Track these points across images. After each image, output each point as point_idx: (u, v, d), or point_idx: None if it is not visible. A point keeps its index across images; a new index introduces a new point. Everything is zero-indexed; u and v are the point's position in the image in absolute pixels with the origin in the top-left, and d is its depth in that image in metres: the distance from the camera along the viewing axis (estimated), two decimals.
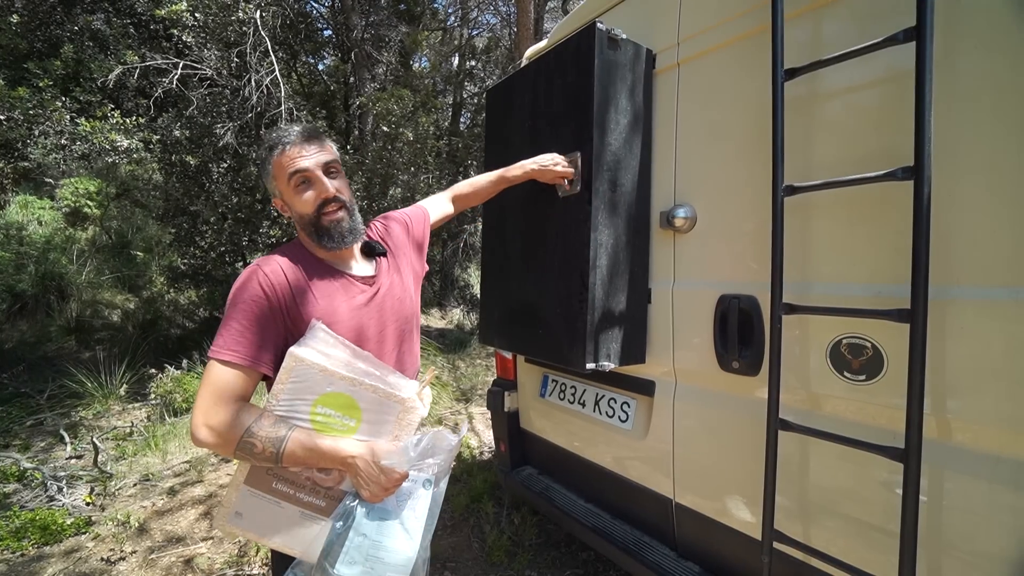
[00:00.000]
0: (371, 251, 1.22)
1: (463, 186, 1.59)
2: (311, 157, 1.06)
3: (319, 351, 1.00)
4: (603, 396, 1.92)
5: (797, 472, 1.29)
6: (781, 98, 1.20)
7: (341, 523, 1.00)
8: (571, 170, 1.52)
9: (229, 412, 0.93)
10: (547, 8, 10.14)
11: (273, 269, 1.03)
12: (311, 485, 1.02)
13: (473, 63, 12.51)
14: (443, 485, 1.11)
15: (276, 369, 1.01)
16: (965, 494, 1.03)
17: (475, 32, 12.78)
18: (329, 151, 1.11)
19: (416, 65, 11.12)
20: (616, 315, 1.55)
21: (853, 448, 1.09)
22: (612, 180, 1.53)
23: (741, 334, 1.39)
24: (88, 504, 2.66)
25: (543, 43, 2.30)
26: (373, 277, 1.17)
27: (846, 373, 1.18)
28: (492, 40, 12.22)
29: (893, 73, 1.11)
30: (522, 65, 2.35)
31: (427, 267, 1.41)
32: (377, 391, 1.02)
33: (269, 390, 1.02)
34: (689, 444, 1.57)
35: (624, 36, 1.55)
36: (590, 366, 1.48)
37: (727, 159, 1.46)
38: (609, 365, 1.51)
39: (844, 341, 1.18)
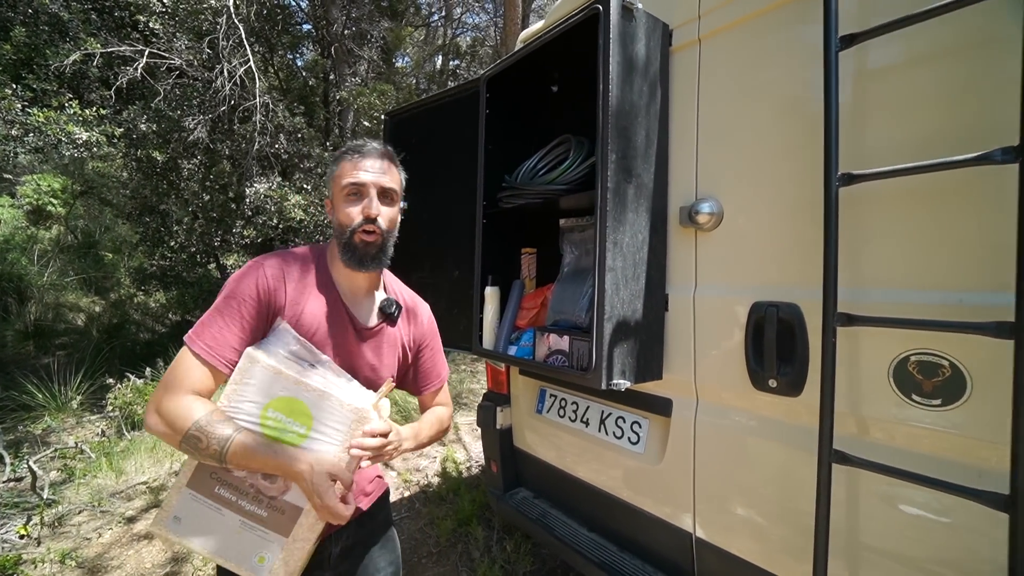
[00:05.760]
0: (385, 308, 1.16)
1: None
2: (373, 174, 1.07)
3: (277, 352, 0.98)
4: (609, 414, 1.71)
5: (844, 511, 1.10)
6: (835, 71, 1.01)
7: None
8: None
9: (183, 402, 0.91)
10: (532, 7, 10.00)
11: (275, 271, 1.02)
12: (254, 493, 0.98)
13: (457, 62, 12.32)
14: None
15: None
16: None
17: (459, 32, 12.58)
18: (394, 178, 1.11)
19: (398, 63, 10.87)
20: (632, 325, 1.34)
21: (933, 489, 0.90)
22: (627, 171, 1.33)
23: (780, 348, 1.20)
24: (22, 537, 2.33)
25: (539, 24, 2.10)
26: (369, 329, 1.13)
27: (915, 396, 0.99)
28: (477, 40, 12.04)
29: (982, 36, 0.92)
30: (516, 50, 2.15)
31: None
32: (330, 399, 0.97)
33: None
34: (713, 472, 1.38)
35: (639, 6, 1.36)
36: (606, 384, 1.27)
37: (761, 146, 1.27)
38: (625, 383, 1.31)
39: (912, 358, 0.99)
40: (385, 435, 0.99)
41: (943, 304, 0.95)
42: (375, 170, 1.07)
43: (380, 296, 1.18)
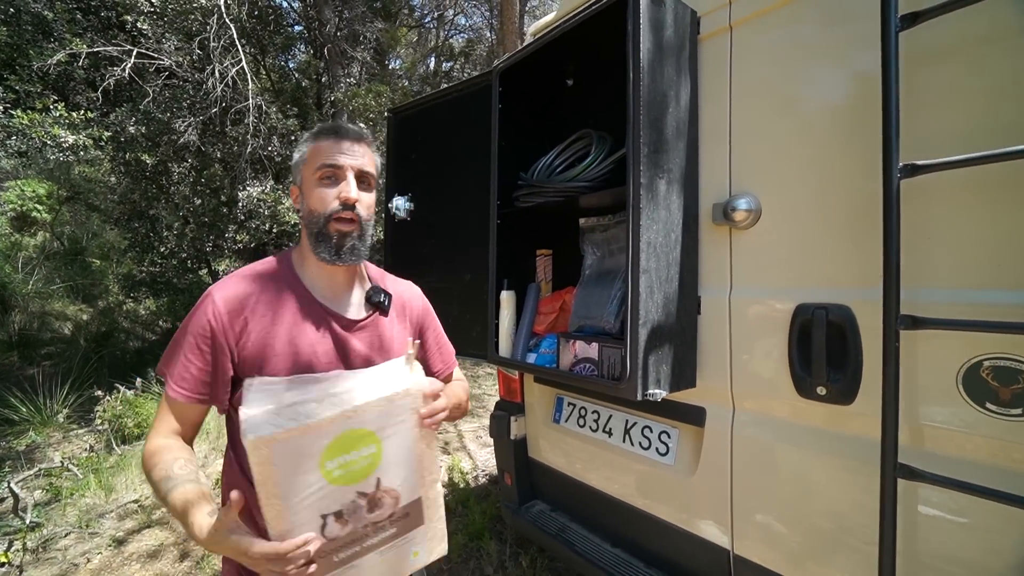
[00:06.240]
0: (372, 297, 1.06)
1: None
2: (350, 157, 0.97)
3: (276, 416, 0.80)
4: (635, 424, 1.62)
5: (903, 528, 1.02)
6: (895, 53, 0.94)
7: None
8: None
9: (153, 446, 0.90)
10: (527, 7, 9.95)
11: (228, 296, 0.94)
12: (372, 528, 0.88)
13: (450, 64, 12.24)
14: None
15: (233, 390, 0.93)
16: None
17: (451, 33, 12.51)
18: (371, 162, 1.02)
19: (391, 65, 10.76)
20: (666, 331, 1.26)
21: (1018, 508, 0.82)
22: (658, 165, 1.25)
23: (830, 353, 1.12)
24: (2, 565, 2.18)
25: (550, 16, 2.02)
26: (357, 322, 1.03)
27: (990, 405, 0.91)
28: (471, 42, 11.97)
29: None
30: (528, 42, 2.07)
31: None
32: (371, 405, 0.85)
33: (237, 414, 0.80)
34: (754, 484, 1.29)
35: None
36: (641, 395, 1.18)
37: (804, 137, 1.19)
38: (661, 393, 1.22)
39: (986, 363, 0.91)
40: (440, 392, 0.95)
41: (1018, 304, 0.88)
42: (352, 152, 0.98)
43: (365, 288, 1.08)
